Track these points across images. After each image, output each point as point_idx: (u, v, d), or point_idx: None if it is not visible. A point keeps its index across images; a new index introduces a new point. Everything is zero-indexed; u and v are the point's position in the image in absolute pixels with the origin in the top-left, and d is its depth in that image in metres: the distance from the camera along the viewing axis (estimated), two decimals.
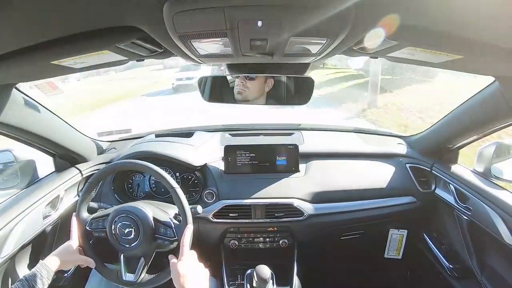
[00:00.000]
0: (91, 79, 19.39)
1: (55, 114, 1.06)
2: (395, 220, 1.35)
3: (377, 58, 0.83)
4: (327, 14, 0.48)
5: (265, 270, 0.95)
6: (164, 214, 0.94)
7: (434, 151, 1.29)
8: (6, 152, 1.09)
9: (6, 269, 0.94)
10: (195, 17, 0.49)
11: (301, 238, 1.26)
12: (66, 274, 1.12)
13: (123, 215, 0.88)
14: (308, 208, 1.21)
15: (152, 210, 0.92)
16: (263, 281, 0.95)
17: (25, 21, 0.45)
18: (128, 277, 0.88)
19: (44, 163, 1.18)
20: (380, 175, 1.31)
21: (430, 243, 1.34)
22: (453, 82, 7.35)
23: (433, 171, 1.27)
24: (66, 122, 1.14)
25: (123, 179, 1.32)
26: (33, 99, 0.94)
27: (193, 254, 0.82)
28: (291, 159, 1.29)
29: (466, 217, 1.10)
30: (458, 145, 1.18)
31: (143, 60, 0.77)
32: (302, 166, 1.31)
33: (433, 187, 1.29)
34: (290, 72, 0.99)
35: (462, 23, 0.51)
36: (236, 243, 1.24)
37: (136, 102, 10.95)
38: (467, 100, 1.01)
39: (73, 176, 1.19)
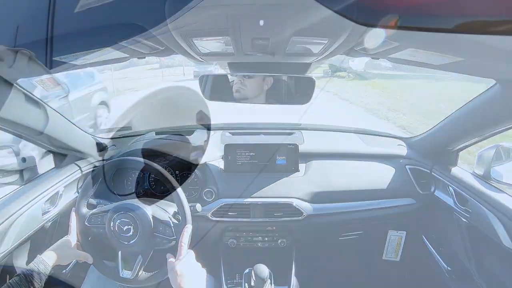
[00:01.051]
0: None
1: (55, 111, 1.06)
2: (394, 222, 1.35)
3: (378, 59, 0.83)
4: (329, 14, 0.48)
5: (263, 269, 0.95)
6: (164, 212, 0.94)
7: (434, 153, 1.29)
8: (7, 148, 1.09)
9: (5, 265, 0.94)
10: (197, 15, 0.49)
11: (300, 237, 1.26)
12: (64, 270, 1.12)
13: (122, 212, 0.88)
14: (307, 208, 1.21)
15: (151, 208, 0.92)
16: (261, 280, 0.95)
17: (27, 16, 0.45)
18: (126, 274, 0.88)
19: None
20: (379, 176, 1.31)
21: (429, 245, 1.34)
22: None
23: (432, 173, 1.27)
24: (67, 119, 1.14)
25: (123, 176, 1.31)
26: (34, 95, 0.94)
27: (191, 253, 0.82)
28: (291, 159, 1.29)
29: (465, 220, 1.10)
30: (458, 147, 1.18)
31: (144, 57, 0.78)
32: (301, 166, 1.31)
33: (432, 189, 1.29)
34: (292, 72, 0.99)
35: (464, 25, 0.51)
36: (235, 242, 1.25)
37: None
38: (468, 103, 1.01)
39: (72, 172, 1.19)
